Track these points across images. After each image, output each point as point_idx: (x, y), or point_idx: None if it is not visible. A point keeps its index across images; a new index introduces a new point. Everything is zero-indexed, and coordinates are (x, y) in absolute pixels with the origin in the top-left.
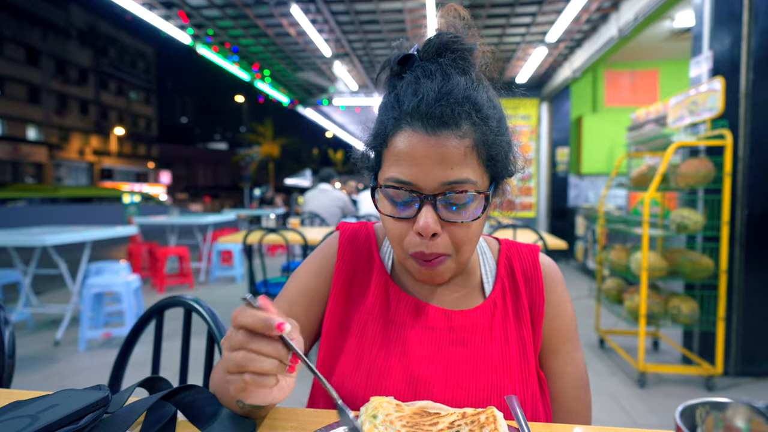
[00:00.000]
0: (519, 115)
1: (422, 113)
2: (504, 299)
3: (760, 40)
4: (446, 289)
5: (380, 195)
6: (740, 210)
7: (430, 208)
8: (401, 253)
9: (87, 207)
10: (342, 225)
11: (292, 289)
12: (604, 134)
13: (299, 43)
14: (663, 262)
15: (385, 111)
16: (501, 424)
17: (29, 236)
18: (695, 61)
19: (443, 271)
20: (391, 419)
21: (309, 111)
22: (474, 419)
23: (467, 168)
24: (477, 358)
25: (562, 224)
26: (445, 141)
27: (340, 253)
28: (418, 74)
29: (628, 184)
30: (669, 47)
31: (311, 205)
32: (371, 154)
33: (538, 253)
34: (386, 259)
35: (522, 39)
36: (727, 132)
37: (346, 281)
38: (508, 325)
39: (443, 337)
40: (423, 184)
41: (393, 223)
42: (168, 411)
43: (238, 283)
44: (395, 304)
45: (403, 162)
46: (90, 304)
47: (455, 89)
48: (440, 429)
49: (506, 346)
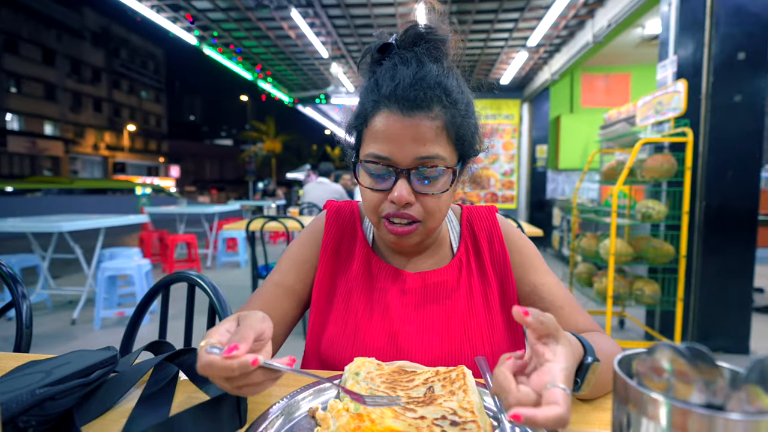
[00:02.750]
0: (502, 114)
1: (398, 96)
2: (468, 257)
3: (721, 46)
4: (421, 257)
5: (360, 170)
6: (699, 201)
7: (404, 181)
8: (376, 219)
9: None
10: (329, 203)
11: (286, 260)
12: (579, 133)
13: (298, 45)
14: (629, 248)
15: (365, 94)
16: (469, 380)
17: (47, 223)
18: (661, 65)
19: (413, 236)
20: (372, 376)
21: (308, 110)
22: (446, 376)
23: (438, 146)
24: (447, 311)
25: (541, 215)
26: (418, 121)
27: (327, 227)
28: (395, 61)
29: (600, 179)
30: (640, 53)
31: (310, 196)
32: (353, 134)
33: (495, 213)
34: (368, 232)
35: (505, 43)
36: (689, 130)
37: (332, 253)
38: (472, 279)
39: (419, 297)
40: (398, 159)
41: (371, 194)
42: (171, 371)
43: (243, 268)
44: (377, 272)
45: (381, 140)
46: (104, 286)
47: (428, 75)
48: (416, 385)
49: (471, 298)
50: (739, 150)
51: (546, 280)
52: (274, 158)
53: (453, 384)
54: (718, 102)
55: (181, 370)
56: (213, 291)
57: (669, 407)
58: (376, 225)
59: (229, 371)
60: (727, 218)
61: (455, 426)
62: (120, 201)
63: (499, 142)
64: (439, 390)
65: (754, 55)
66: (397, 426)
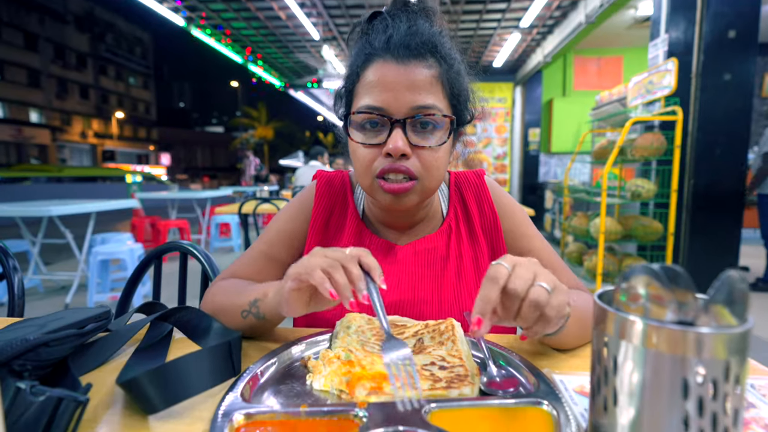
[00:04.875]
0: (495, 98)
1: (393, 45)
2: (457, 222)
3: (711, 25)
4: (413, 230)
5: (351, 128)
6: (688, 179)
7: (400, 131)
8: (369, 179)
9: (91, 186)
10: (319, 173)
11: (273, 230)
12: (572, 116)
13: (289, 26)
14: (618, 227)
15: (357, 53)
16: (458, 331)
17: (36, 207)
18: (653, 44)
19: (410, 197)
20: (363, 329)
21: (300, 94)
22: (435, 328)
23: (434, 95)
24: (438, 276)
25: (533, 198)
26: (414, 68)
27: (317, 198)
28: (386, 20)
29: (591, 159)
30: (632, 35)
31: (302, 180)
32: (343, 95)
33: (484, 176)
34: (359, 203)
35: (498, 24)
36: (678, 108)
37: (322, 224)
38: (462, 244)
39: (410, 263)
40: (393, 108)
41: (364, 150)
42: (165, 328)
43: (236, 252)
44: (367, 244)
45: (375, 90)
46: (97, 270)
47: (422, 29)
48: (406, 337)
49: (461, 262)
50: (727, 128)
51: (534, 245)
52: (266, 145)
53: (442, 335)
54: (708, 81)
55: (177, 327)
56: (206, 259)
57: (644, 326)
58: (369, 188)
59: (375, 262)
60: (714, 197)
61: (443, 370)
62: (110, 189)
63: (491, 126)
64: (429, 341)
65: (745, 34)
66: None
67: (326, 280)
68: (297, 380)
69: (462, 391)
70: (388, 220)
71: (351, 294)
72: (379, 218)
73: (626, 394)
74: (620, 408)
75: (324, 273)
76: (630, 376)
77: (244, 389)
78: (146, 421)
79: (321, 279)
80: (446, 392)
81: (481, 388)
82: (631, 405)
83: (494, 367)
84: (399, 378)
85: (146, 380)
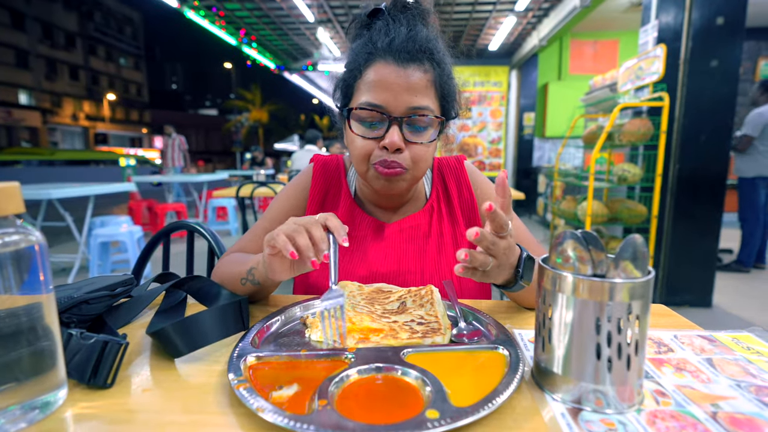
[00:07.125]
0: (491, 81)
1: (394, 48)
2: (439, 203)
3: (701, 11)
4: (400, 211)
5: (352, 119)
6: (673, 164)
7: (397, 128)
8: (365, 168)
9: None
10: (316, 156)
11: (274, 209)
12: (567, 100)
13: (283, 8)
14: (605, 210)
15: (359, 50)
16: (436, 296)
17: (35, 190)
18: (643, 30)
19: (400, 184)
20: (354, 294)
21: (295, 77)
22: (416, 293)
23: (428, 98)
24: (421, 250)
25: (527, 182)
26: (412, 72)
27: (314, 179)
28: (388, 21)
29: (582, 144)
30: (628, 18)
31: (298, 164)
32: (344, 87)
33: (464, 162)
34: (351, 185)
35: (493, 8)
36: (665, 94)
37: (319, 203)
38: (442, 223)
39: (396, 239)
40: (392, 107)
41: (362, 142)
42: (179, 296)
43: (233, 236)
44: (359, 222)
45: (376, 89)
46: (97, 252)
47: (420, 35)
48: (391, 301)
49: (441, 239)
50: (712, 115)
51: (514, 223)
52: (261, 128)
53: (422, 299)
54: (696, 67)
55: (189, 294)
56: (212, 237)
57: (573, 279)
58: (364, 174)
59: (339, 224)
60: (698, 181)
61: (421, 325)
62: (104, 172)
63: (486, 110)
64: (410, 304)
65: (733, 20)
66: (374, 326)
67: (288, 243)
68: (297, 334)
69: (434, 339)
70: (377, 201)
71: (312, 254)
72: (369, 199)
73: (559, 333)
74: (554, 345)
75: (288, 237)
76: (563, 319)
77: (253, 340)
78: (173, 363)
79: (283, 243)
80: (421, 341)
81: (451, 338)
82: (562, 342)
83: (464, 323)
84: (327, 320)
85: (172, 330)
